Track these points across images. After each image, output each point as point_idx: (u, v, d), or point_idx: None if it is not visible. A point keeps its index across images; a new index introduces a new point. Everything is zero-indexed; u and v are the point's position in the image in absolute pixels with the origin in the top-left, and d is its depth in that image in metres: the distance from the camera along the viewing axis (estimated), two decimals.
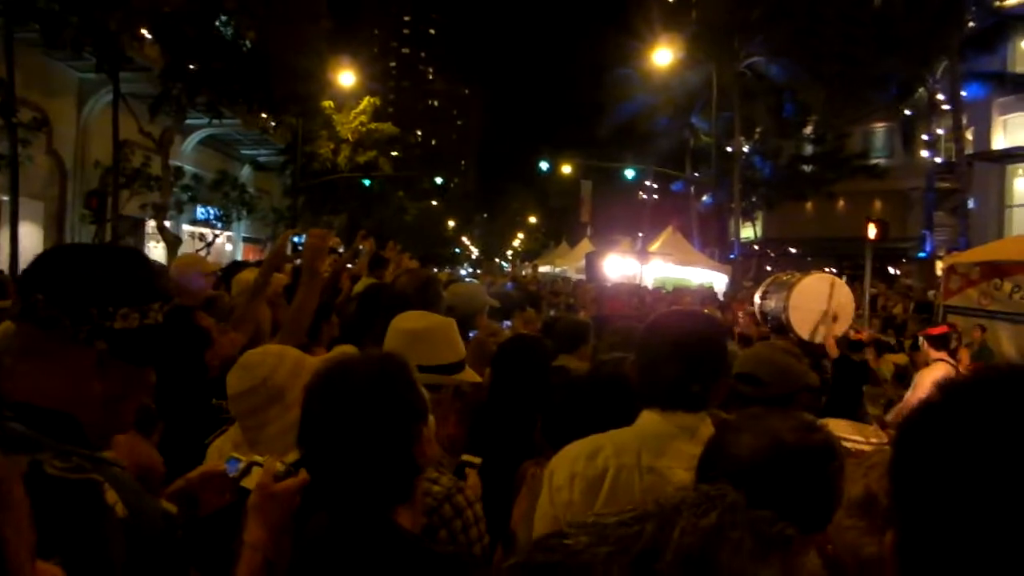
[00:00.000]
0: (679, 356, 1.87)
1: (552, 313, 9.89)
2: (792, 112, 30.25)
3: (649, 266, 20.59)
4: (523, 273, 30.49)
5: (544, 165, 37.38)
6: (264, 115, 27.21)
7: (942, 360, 6.64)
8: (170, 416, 2.76)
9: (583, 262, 21.23)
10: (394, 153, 38.51)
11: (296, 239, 5.46)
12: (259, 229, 30.77)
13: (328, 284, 5.61)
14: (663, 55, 28.83)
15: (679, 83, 30.81)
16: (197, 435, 2.28)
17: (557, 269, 28.49)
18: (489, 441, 2.73)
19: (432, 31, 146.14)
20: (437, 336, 2.14)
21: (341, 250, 8.03)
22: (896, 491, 0.73)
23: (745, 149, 30.88)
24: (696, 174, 33.51)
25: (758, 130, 32.26)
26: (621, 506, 1.71)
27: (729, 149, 30.29)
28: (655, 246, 23.15)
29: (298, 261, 3.60)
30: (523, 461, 2.48)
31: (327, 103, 32.01)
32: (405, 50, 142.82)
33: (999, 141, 25.30)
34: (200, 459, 2.12)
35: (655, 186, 38.61)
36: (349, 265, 6.91)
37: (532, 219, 79.41)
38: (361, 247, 7.09)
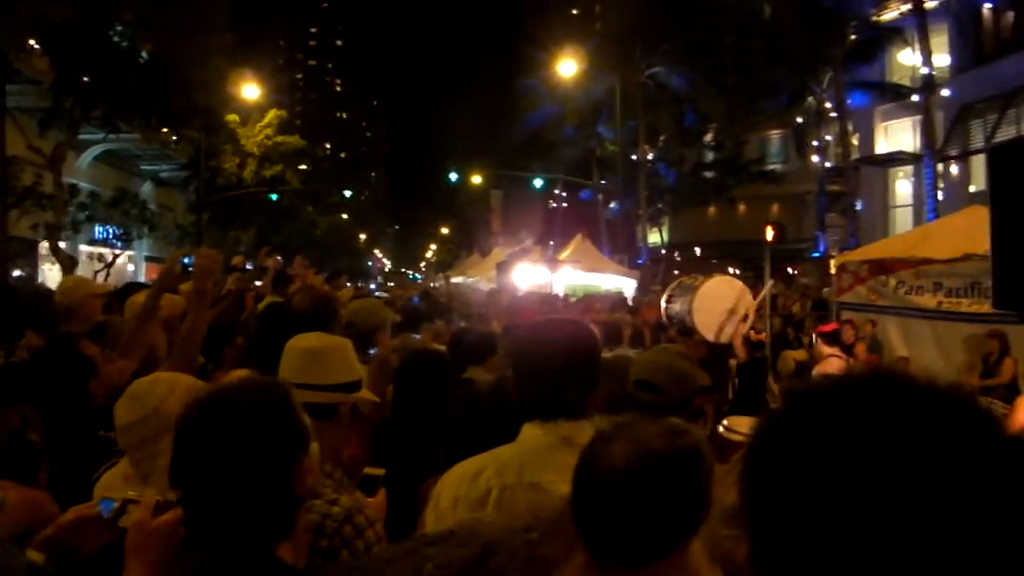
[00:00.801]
0: (554, 364, 1.88)
1: (463, 324, 9.88)
2: (693, 121, 31.19)
3: (559, 274, 20.80)
4: (434, 284, 30.34)
5: (453, 176, 37.45)
6: (164, 129, 26.29)
7: (835, 355, 6.96)
8: (56, 451, 2.64)
9: (495, 271, 21.28)
10: (302, 166, 37.83)
11: (187, 259, 5.28)
12: (162, 247, 29.70)
13: (232, 304, 5.44)
14: (567, 66, 29.33)
15: (584, 93, 31.40)
16: (85, 469, 2.19)
17: (470, 279, 28.49)
18: (393, 458, 2.73)
19: (339, 43, 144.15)
20: (333, 356, 2.12)
21: (250, 265, 7.81)
22: (744, 502, 0.72)
23: (650, 157, 31.64)
24: (603, 182, 34.14)
25: (662, 138, 33.15)
26: None
27: (634, 157, 30.99)
28: (565, 254, 23.39)
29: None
30: (427, 477, 2.48)
31: (232, 116, 31.19)
32: (312, 62, 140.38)
33: (881, 146, 26.79)
34: (89, 495, 2.04)
35: (564, 194, 39.24)
36: (258, 283, 6.73)
37: (444, 230, 79.31)
38: (266, 264, 6.92)
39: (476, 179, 38.40)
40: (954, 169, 22.15)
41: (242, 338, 4.80)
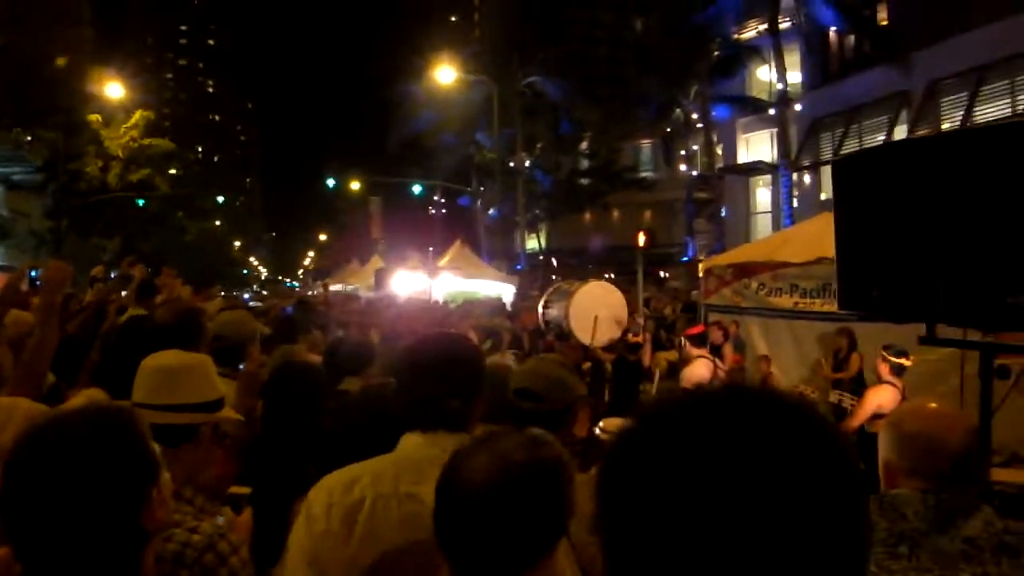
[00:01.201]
0: (436, 374, 1.88)
1: (340, 334, 9.69)
2: (569, 129, 31.91)
3: (439, 280, 20.78)
4: (312, 292, 29.62)
5: (331, 181, 36.70)
6: (17, 128, 24.37)
7: (702, 356, 7.29)
8: None
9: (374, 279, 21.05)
10: (171, 170, 36.03)
11: (34, 272, 4.93)
12: (16, 256, 27.50)
13: (91, 317, 5.10)
14: (446, 73, 29.41)
15: (463, 100, 31.55)
16: None
17: (349, 287, 28.02)
18: (262, 477, 2.65)
19: (211, 42, 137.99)
20: (191, 374, 2.03)
21: (114, 274, 7.35)
22: (598, 511, 0.74)
23: (527, 164, 32.15)
24: (482, 188, 34.40)
25: (539, 146, 33.74)
26: (380, 536, 1.72)
27: (512, 164, 31.41)
28: (444, 260, 23.41)
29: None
30: (298, 496, 2.42)
31: (94, 116, 29.32)
32: (182, 61, 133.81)
33: (743, 156, 28.32)
34: None
35: (443, 201, 39.25)
36: (124, 292, 6.35)
37: (322, 236, 77.56)
38: (130, 274, 6.54)
39: (355, 185, 37.72)
40: (807, 178, 23.70)
41: (97, 354, 4.52)
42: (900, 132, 20.09)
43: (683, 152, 29.70)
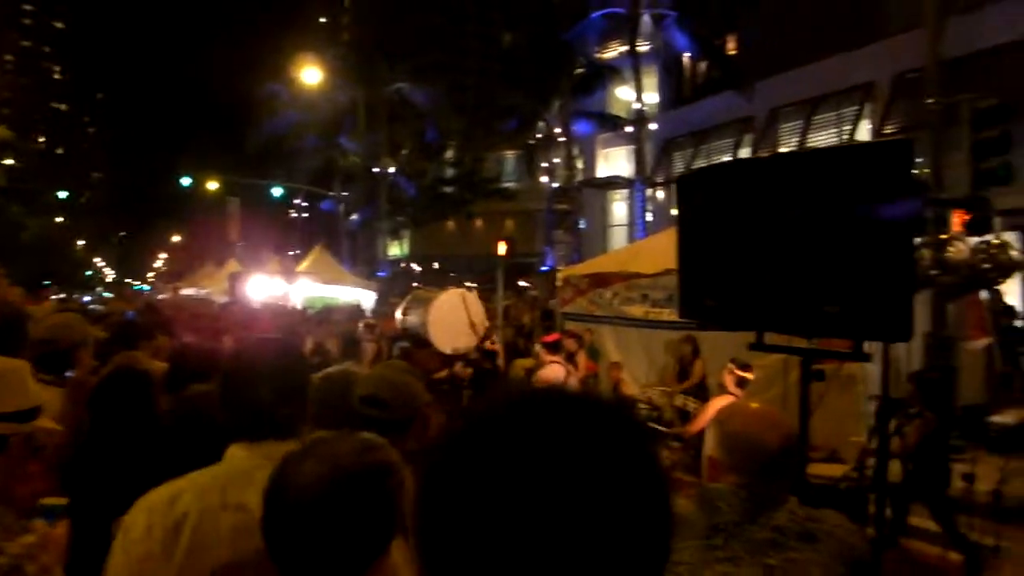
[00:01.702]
0: (265, 382, 1.84)
1: (187, 340, 9.24)
2: (434, 137, 31.91)
3: (297, 286, 20.30)
4: (162, 296, 28.08)
5: (186, 180, 34.87)
6: None
7: (555, 362, 7.48)
8: None
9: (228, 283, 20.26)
10: (8, 161, 33.10)
11: None
12: None
13: None
14: (312, 74, 28.68)
15: (328, 102, 30.89)
16: None
17: (203, 291, 26.79)
18: (84, 490, 2.49)
19: (59, 25, 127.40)
20: (2, 381, 1.89)
21: None
22: (412, 513, 0.74)
23: (391, 170, 31.92)
24: (345, 193, 33.79)
25: (404, 152, 33.55)
26: (207, 551, 1.65)
27: (376, 170, 31.07)
28: (304, 265, 22.92)
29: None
30: (123, 510, 2.29)
31: None
32: (25, 43, 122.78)
33: (602, 170, 29.38)
34: None
35: (305, 204, 38.23)
36: None
37: (176, 237, 73.43)
38: None
39: (212, 185, 36.01)
40: (660, 194, 24.87)
41: None
42: (744, 154, 21.49)
43: (545, 164, 30.40)
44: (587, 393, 0.77)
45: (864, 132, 18.84)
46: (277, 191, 31.18)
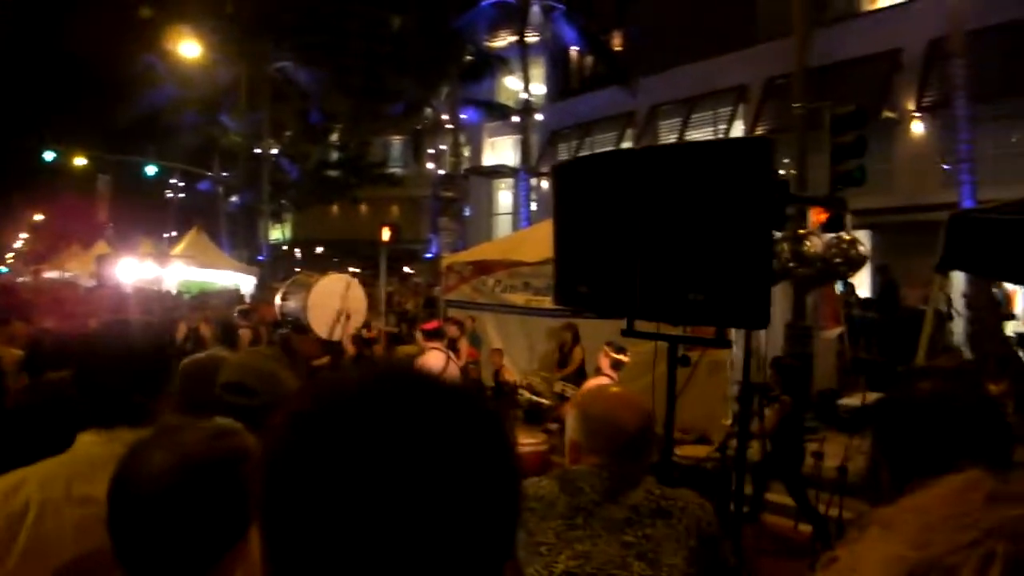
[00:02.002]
0: (119, 366, 1.78)
1: (47, 325, 8.72)
2: (319, 119, 31.13)
3: (171, 269, 19.47)
4: (22, 279, 26.30)
5: (49, 155, 32.44)
6: None
7: (436, 349, 7.50)
8: None
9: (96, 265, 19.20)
10: None
11: None
12: None
13: None
14: (191, 47, 27.30)
15: (209, 78, 29.49)
16: None
17: (67, 274, 25.22)
18: None
19: None
20: None
21: None
22: (255, 493, 0.72)
23: (274, 151, 30.96)
24: (225, 174, 32.50)
25: (287, 133, 32.58)
26: (50, 547, 1.57)
27: (258, 150, 30.05)
28: (179, 248, 22.00)
29: None
30: None
31: None
32: None
33: (488, 158, 29.51)
34: None
35: (182, 185, 36.42)
36: None
37: (38, 216, 68.26)
38: None
39: (80, 161, 33.71)
40: (544, 184, 25.25)
41: None
42: (625, 147, 22.14)
43: (432, 151, 30.26)
44: (433, 376, 0.76)
45: (738, 131, 19.80)
46: (151, 169, 29.47)
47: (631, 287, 3.57)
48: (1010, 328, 12.80)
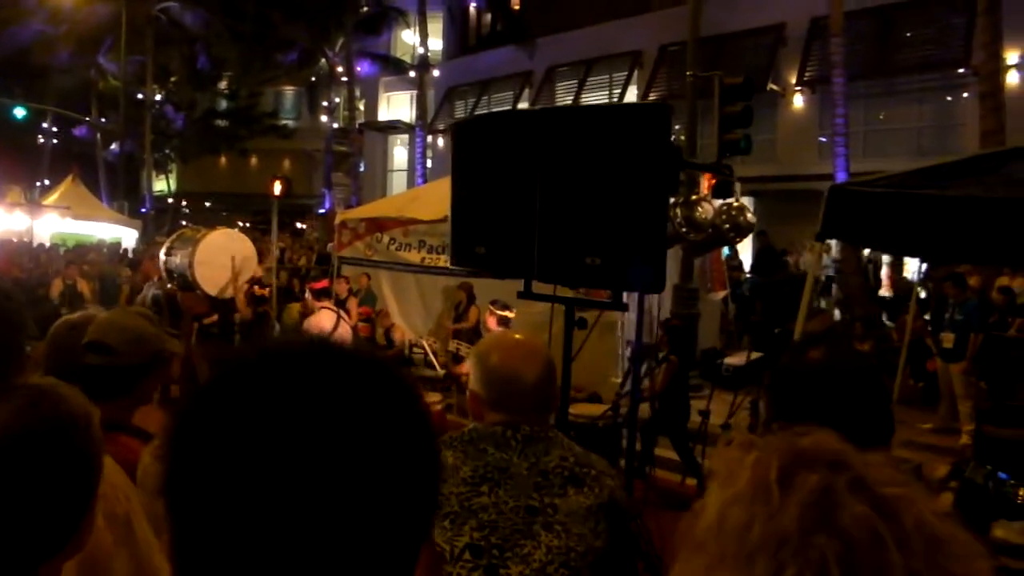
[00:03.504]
0: None
1: None
2: (207, 65, 29.57)
3: (43, 220, 18.30)
4: None
5: None
6: None
7: (326, 308, 7.37)
8: None
9: None
10: None
11: None
12: None
13: None
14: None
15: (85, 15, 27.29)
16: None
17: None
18: None
19: None
20: None
21: None
22: (161, 471, 0.67)
23: (158, 98, 29.26)
24: (103, 120, 30.51)
25: (172, 79, 30.87)
26: None
27: (140, 96, 28.32)
28: (52, 198, 20.65)
29: None
30: None
31: None
32: None
33: (384, 113, 28.95)
34: None
35: (56, 130, 33.91)
36: None
37: None
38: None
39: None
40: (440, 141, 25.02)
41: None
42: (523, 107, 22.15)
43: (326, 104, 29.33)
44: (345, 344, 0.73)
45: (632, 96, 20.13)
46: (20, 112, 27.19)
47: (529, 249, 3.57)
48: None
